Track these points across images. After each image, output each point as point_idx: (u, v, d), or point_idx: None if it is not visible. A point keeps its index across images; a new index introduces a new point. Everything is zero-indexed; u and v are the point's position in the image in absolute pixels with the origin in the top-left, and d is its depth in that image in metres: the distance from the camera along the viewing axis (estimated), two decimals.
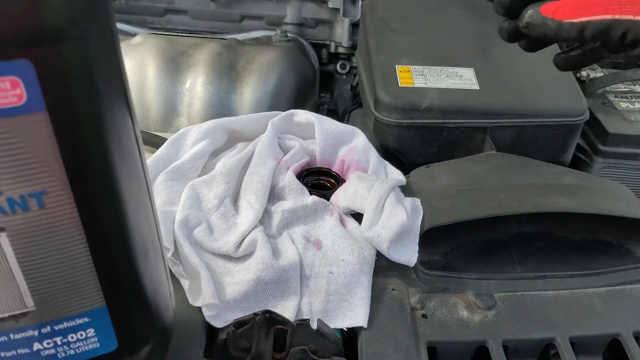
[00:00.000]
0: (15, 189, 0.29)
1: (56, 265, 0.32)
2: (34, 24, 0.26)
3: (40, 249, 0.32)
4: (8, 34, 0.26)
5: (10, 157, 0.28)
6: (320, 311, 0.54)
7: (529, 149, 0.83)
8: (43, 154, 0.29)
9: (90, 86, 0.29)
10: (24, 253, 0.31)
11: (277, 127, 0.70)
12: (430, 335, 0.53)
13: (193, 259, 0.53)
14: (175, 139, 0.67)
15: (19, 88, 0.27)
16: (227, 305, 0.52)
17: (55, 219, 0.31)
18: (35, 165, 0.29)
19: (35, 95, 0.27)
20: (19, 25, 0.26)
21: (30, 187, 0.29)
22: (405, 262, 0.58)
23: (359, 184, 0.62)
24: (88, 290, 0.34)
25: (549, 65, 0.63)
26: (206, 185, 0.62)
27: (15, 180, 0.29)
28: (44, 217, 0.31)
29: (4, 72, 0.26)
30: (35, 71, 0.27)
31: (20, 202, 0.30)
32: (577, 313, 0.57)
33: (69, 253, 0.32)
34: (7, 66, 0.26)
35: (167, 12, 1.18)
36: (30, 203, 0.30)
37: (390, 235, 0.57)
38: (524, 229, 0.69)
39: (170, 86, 0.93)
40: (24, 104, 0.27)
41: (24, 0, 0.26)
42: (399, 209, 0.59)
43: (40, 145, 0.29)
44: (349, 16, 1.14)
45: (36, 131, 0.28)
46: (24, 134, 0.28)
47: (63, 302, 0.34)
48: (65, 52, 0.27)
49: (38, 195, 0.30)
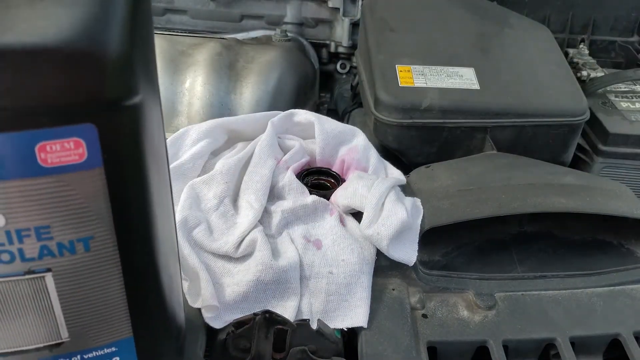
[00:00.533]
0: (66, 235, 0.32)
1: (93, 301, 0.35)
2: (100, 94, 0.30)
3: (80, 287, 0.34)
4: (77, 103, 0.29)
5: (66, 207, 0.31)
6: (320, 311, 0.54)
7: (529, 148, 0.83)
8: (95, 204, 0.32)
9: (141, 144, 0.33)
10: (65, 291, 0.34)
11: (276, 127, 0.70)
12: (431, 335, 0.53)
13: (192, 260, 0.53)
14: (174, 139, 0.67)
15: (82, 148, 0.30)
16: (227, 306, 0.52)
17: (98, 261, 0.34)
18: (87, 214, 0.32)
19: (94, 154, 0.31)
20: (87, 95, 0.29)
21: (79, 233, 0.32)
22: (404, 261, 0.58)
23: (358, 182, 0.62)
24: (119, 322, 0.37)
25: (549, 65, 0.64)
26: (206, 184, 0.62)
27: (68, 227, 0.32)
28: (88, 259, 0.34)
29: (70, 134, 0.29)
30: (98, 134, 0.30)
31: (68, 246, 0.33)
32: (578, 313, 0.57)
33: (106, 290, 0.35)
34: (74, 129, 0.29)
35: (166, 11, 1.18)
36: (78, 247, 0.33)
37: (390, 233, 0.56)
38: (525, 229, 0.69)
39: (170, 86, 0.93)
40: (84, 161, 0.31)
41: (94, 74, 0.29)
42: (399, 207, 0.59)
43: (94, 196, 0.32)
44: (349, 16, 1.13)
45: (92, 185, 0.31)
46: (81, 187, 0.31)
47: (94, 334, 0.37)
48: (124, 116, 0.31)
49: (86, 240, 0.33)
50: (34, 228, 0.31)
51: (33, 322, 0.34)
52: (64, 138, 0.29)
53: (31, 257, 0.32)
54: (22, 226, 0.31)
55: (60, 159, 0.30)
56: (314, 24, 1.18)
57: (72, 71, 0.28)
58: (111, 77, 0.30)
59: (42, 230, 0.31)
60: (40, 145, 0.29)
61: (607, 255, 0.66)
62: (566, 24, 1.18)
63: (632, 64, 1.17)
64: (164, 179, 0.37)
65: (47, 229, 0.31)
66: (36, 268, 0.32)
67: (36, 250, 0.32)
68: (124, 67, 0.30)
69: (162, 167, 0.37)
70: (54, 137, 0.29)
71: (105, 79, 0.30)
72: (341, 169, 0.69)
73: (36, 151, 0.29)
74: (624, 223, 0.66)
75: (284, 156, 0.67)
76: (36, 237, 0.31)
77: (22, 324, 0.34)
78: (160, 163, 0.36)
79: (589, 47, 1.16)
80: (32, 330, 0.35)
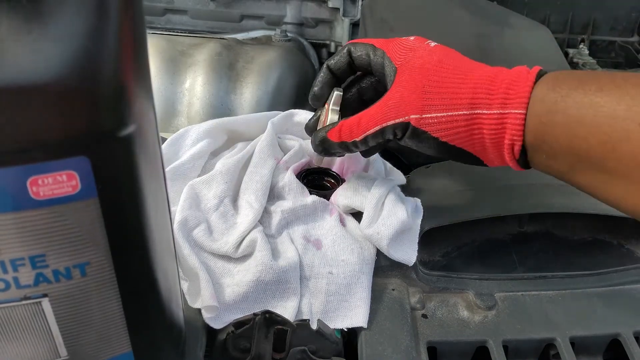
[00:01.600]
0: (61, 262, 0.32)
1: (91, 321, 0.35)
2: (93, 128, 0.29)
3: (78, 309, 0.34)
4: (70, 137, 0.29)
5: (61, 236, 0.31)
6: (320, 311, 0.54)
7: None
8: (90, 232, 0.32)
9: (136, 172, 0.32)
10: (63, 313, 0.34)
11: (276, 126, 0.70)
12: (431, 336, 0.53)
13: (192, 260, 0.53)
14: (174, 139, 0.67)
15: (75, 180, 0.30)
16: (227, 306, 0.52)
17: (95, 285, 0.34)
18: (82, 242, 0.32)
19: (88, 185, 0.30)
20: (80, 129, 0.29)
21: (75, 260, 0.32)
22: (404, 261, 0.58)
23: (359, 182, 0.62)
24: (117, 338, 0.37)
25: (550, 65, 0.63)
26: (205, 184, 0.62)
27: (63, 254, 0.32)
28: (85, 284, 0.33)
29: (62, 167, 0.29)
30: (91, 166, 0.29)
31: (64, 272, 0.32)
32: (578, 313, 0.57)
33: (104, 311, 0.35)
34: (66, 162, 0.29)
35: (166, 11, 1.18)
36: (74, 273, 0.33)
37: (390, 233, 0.57)
38: (524, 229, 0.69)
39: (170, 86, 0.93)
40: (78, 192, 0.30)
41: (85, 108, 0.29)
42: (399, 207, 0.59)
43: (88, 225, 0.31)
44: (349, 16, 1.13)
45: (87, 214, 0.31)
46: (75, 218, 0.31)
47: (93, 351, 0.37)
48: (118, 147, 0.31)
49: (82, 266, 0.33)
50: (28, 257, 0.31)
51: (31, 343, 0.34)
52: (56, 171, 0.29)
53: (27, 284, 0.32)
54: (16, 256, 0.31)
55: (53, 192, 0.29)
56: (314, 24, 1.18)
57: (64, 107, 0.28)
58: (104, 110, 0.29)
59: (37, 259, 0.31)
60: (32, 180, 0.29)
61: (607, 255, 0.66)
62: (566, 24, 1.18)
63: (632, 64, 1.17)
64: (161, 200, 0.37)
65: (42, 257, 0.31)
66: (32, 294, 0.32)
67: (31, 278, 0.32)
68: (117, 99, 0.29)
69: (159, 189, 0.36)
70: (46, 171, 0.29)
71: (98, 113, 0.29)
72: (341, 169, 0.69)
73: (28, 185, 0.29)
74: (624, 223, 0.67)
75: (284, 156, 0.67)
76: (31, 266, 0.31)
77: (21, 345, 0.34)
78: (156, 185, 0.35)
79: (589, 47, 1.16)
80: (30, 350, 0.35)
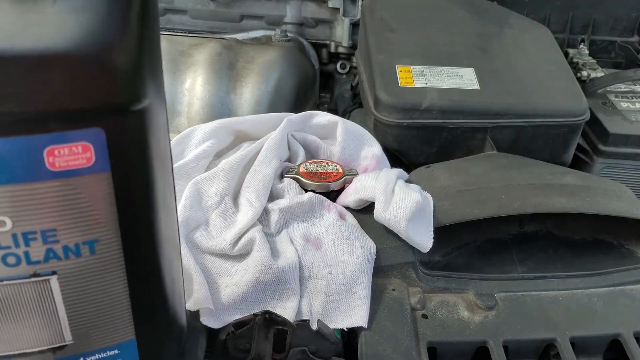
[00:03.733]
0: (72, 237, 0.32)
1: (97, 304, 0.35)
2: (110, 99, 0.30)
3: (85, 290, 0.34)
4: (87, 107, 0.29)
5: (72, 210, 0.31)
6: (320, 312, 0.54)
7: (529, 149, 0.83)
8: (101, 208, 0.32)
9: (147, 148, 0.33)
10: (70, 294, 0.34)
11: (292, 125, 0.70)
12: (431, 336, 0.53)
13: (187, 261, 0.53)
14: (180, 139, 0.67)
15: (89, 152, 0.30)
16: (226, 306, 0.52)
17: (103, 264, 0.34)
18: (93, 217, 0.32)
19: (102, 158, 0.31)
20: (97, 100, 0.30)
21: (85, 236, 0.33)
22: (420, 246, 0.58)
23: (365, 177, 0.63)
24: (122, 324, 0.37)
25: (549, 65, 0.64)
26: (207, 181, 0.62)
27: (74, 230, 0.32)
28: (93, 262, 0.34)
29: (78, 138, 0.30)
30: (106, 138, 0.30)
31: (74, 249, 0.33)
32: (578, 313, 0.57)
33: (110, 293, 0.35)
34: (82, 133, 0.30)
35: (166, 11, 1.18)
36: (83, 250, 0.33)
37: (407, 214, 0.57)
38: (525, 229, 0.69)
39: (170, 86, 0.93)
40: (92, 165, 0.31)
41: (103, 78, 0.29)
42: (410, 190, 0.59)
43: (100, 200, 0.32)
44: (349, 16, 1.13)
45: (99, 188, 0.31)
46: (88, 191, 0.31)
47: (98, 336, 0.37)
48: (132, 121, 0.31)
49: (91, 243, 0.33)
50: (40, 231, 0.31)
51: (37, 324, 0.35)
52: (72, 142, 0.29)
53: (37, 260, 0.32)
54: (28, 229, 0.31)
55: (68, 163, 0.30)
56: (314, 24, 1.18)
57: (82, 76, 0.29)
58: (120, 82, 0.30)
59: (48, 234, 0.31)
60: (48, 149, 0.29)
61: (608, 256, 0.66)
62: (566, 24, 1.18)
63: (632, 64, 1.17)
64: (169, 182, 0.37)
65: (53, 232, 0.32)
66: (41, 271, 0.32)
67: (42, 253, 0.32)
68: (133, 72, 0.30)
69: (167, 171, 0.37)
70: (62, 141, 0.29)
71: (114, 84, 0.30)
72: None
73: (44, 155, 0.29)
74: (624, 223, 0.66)
75: (287, 163, 0.68)
76: (42, 240, 0.31)
77: (26, 326, 0.34)
78: (165, 167, 0.36)
79: (589, 47, 1.16)
80: (36, 332, 0.35)
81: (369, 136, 0.72)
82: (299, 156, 0.69)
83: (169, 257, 0.39)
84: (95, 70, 0.29)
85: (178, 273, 0.42)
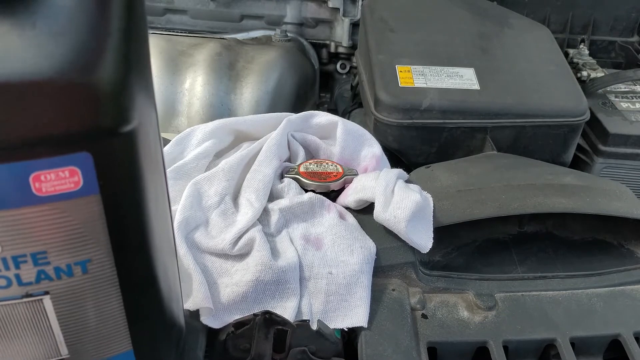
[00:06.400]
0: (63, 259, 0.32)
1: (92, 320, 0.35)
2: (96, 123, 0.29)
3: (79, 307, 0.34)
4: (72, 132, 0.29)
5: (63, 233, 0.31)
6: (320, 312, 0.54)
7: (529, 149, 0.83)
8: (92, 229, 0.32)
9: (138, 169, 0.32)
10: (64, 311, 0.34)
11: (292, 125, 0.70)
12: (431, 336, 0.53)
13: (187, 260, 0.53)
14: (180, 139, 0.67)
15: (77, 176, 0.30)
16: (226, 306, 0.52)
17: (96, 282, 0.34)
18: (84, 239, 0.32)
19: (90, 181, 0.30)
20: (82, 124, 0.29)
21: (77, 257, 0.32)
22: (420, 246, 0.58)
23: (365, 177, 0.63)
24: (118, 337, 0.37)
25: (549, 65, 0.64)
26: (207, 181, 0.62)
27: (64, 251, 0.32)
28: (86, 281, 0.33)
29: (65, 163, 0.29)
30: (94, 162, 0.30)
31: (66, 270, 0.32)
32: (578, 313, 0.57)
33: (104, 309, 0.35)
34: (69, 158, 0.29)
35: (166, 11, 1.18)
36: (75, 270, 0.33)
37: (407, 215, 0.57)
38: (525, 229, 0.69)
39: (170, 86, 0.93)
40: (80, 189, 0.30)
41: (87, 102, 0.28)
42: (410, 191, 0.59)
43: (90, 222, 0.31)
44: (349, 16, 1.13)
45: (88, 211, 0.31)
46: (77, 214, 0.31)
47: (94, 350, 0.37)
48: (120, 143, 0.31)
49: (83, 263, 0.33)
50: (30, 254, 0.31)
51: (32, 341, 0.34)
52: (59, 167, 0.29)
53: (28, 281, 0.32)
54: (18, 252, 0.31)
55: (55, 188, 0.29)
56: (314, 24, 1.18)
57: (66, 102, 0.28)
58: (106, 105, 0.29)
59: (38, 256, 0.31)
60: (34, 175, 0.29)
61: (608, 256, 0.66)
62: (566, 24, 1.18)
63: (632, 64, 1.17)
64: (162, 198, 0.37)
65: (43, 254, 0.31)
66: (34, 292, 0.32)
67: (33, 275, 0.32)
68: (119, 94, 0.29)
69: (160, 186, 0.36)
70: (48, 166, 0.29)
71: (100, 108, 0.29)
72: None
73: (30, 181, 0.29)
74: (624, 223, 0.66)
75: (287, 163, 0.68)
76: (33, 263, 0.31)
77: (22, 343, 0.34)
78: (157, 182, 0.35)
79: (589, 47, 1.16)
80: (31, 349, 0.35)
81: (369, 136, 0.72)
82: (299, 156, 0.69)
83: (164, 266, 0.38)
84: (80, 96, 0.28)
85: (174, 279, 0.41)
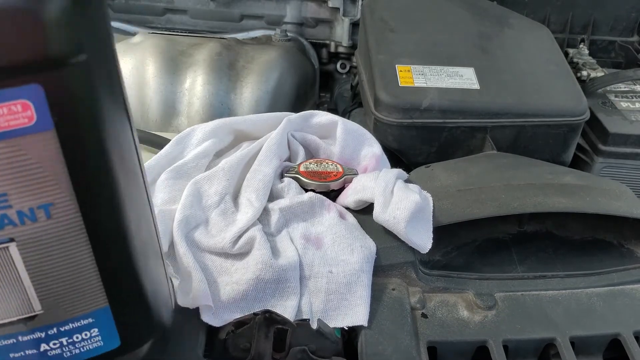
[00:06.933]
0: (24, 202, 0.31)
1: (62, 271, 0.34)
2: (43, 51, 0.29)
3: (47, 256, 0.34)
4: (20, 61, 0.28)
5: (21, 173, 0.30)
6: (320, 311, 0.54)
7: (529, 148, 0.83)
8: (51, 169, 0.31)
9: (95, 105, 0.32)
10: (32, 261, 0.33)
11: (292, 125, 0.70)
12: (431, 335, 0.53)
13: (187, 259, 0.53)
14: (180, 138, 0.67)
15: (30, 110, 0.29)
16: (226, 305, 0.52)
17: (61, 228, 0.33)
18: (44, 180, 0.31)
19: (44, 116, 0.30)
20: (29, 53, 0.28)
21: (38, 200, 0.32)
22: (420, 247, 0.58)
23: (364, 177, 0.63)
24: (92, 292, 0.36)
25: (549, 65, 0.64)
26: (207, 181, 0.62)
27: (25, 194, 0.31)
28: (51, 227, 0.33)
29: (16, 96, 0.29)
30: (45, 94, 0.29)
31: (29, 214, 0.32)
32: (578, 313, 0.57)
33: (74, 259, 0.34)
34: (19, 91, 0.29)
35: (166, 11, 1.18)
36: (39, 214, 0.32)
37: (407, 216, 0.56)
38: (524, 228, 0.69)
39: (170, 86, 0.93)
40: (34, 124, 0.30)
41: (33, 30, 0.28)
42: (409, 191, 0.59)
43: (48, 161, 0.31)
44: (349, 16, 1.14)
45: (45, 148, 0.30)
46: (33, 152, 0.30)
47: (68, 305, 0.36)
48: (72, 75, 0.30)
49: (46, 207, 0.32)
50: None
51: (3, 295, 0.34)
52: (10, 100, 0.28)
53: None
54: None
55: (8, 123, 0.29)
56: (314, 24, 1.18)
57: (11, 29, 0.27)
58: (51, 33, 0.28)
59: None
60: None
61: (607, 255, 0.66)
62: (566, 24, 1.18)
63: (632, 64, 1.17)
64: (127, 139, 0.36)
65: (4, 197, 0.31)
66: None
67: None
68: (65, 22, 0.29)
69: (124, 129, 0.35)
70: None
71: (45, 36, 0.28)
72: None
73: None
74: (624, 223, 0.67)
75: (287, 162, 0.68)
76: None
77: None
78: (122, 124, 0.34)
79: (589, 47, 1.16)
80: (3, 304, 0.34)
81: (369, 136, 0.72)
82: (299, 156, 0.69)
83: (136, 216, 0.37)
84: (24, 22, 0.27)
85: (149, 233, 0.40)
